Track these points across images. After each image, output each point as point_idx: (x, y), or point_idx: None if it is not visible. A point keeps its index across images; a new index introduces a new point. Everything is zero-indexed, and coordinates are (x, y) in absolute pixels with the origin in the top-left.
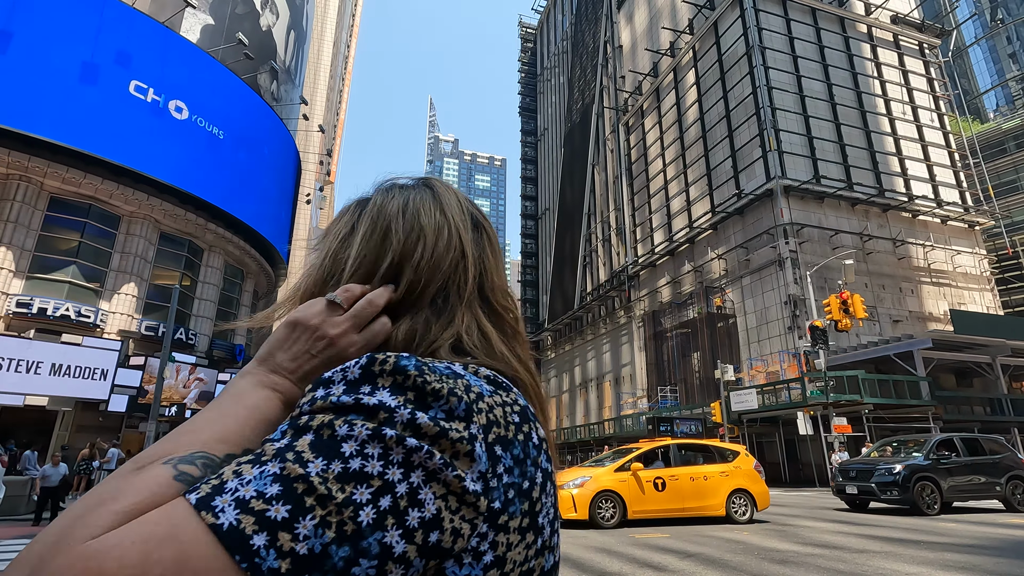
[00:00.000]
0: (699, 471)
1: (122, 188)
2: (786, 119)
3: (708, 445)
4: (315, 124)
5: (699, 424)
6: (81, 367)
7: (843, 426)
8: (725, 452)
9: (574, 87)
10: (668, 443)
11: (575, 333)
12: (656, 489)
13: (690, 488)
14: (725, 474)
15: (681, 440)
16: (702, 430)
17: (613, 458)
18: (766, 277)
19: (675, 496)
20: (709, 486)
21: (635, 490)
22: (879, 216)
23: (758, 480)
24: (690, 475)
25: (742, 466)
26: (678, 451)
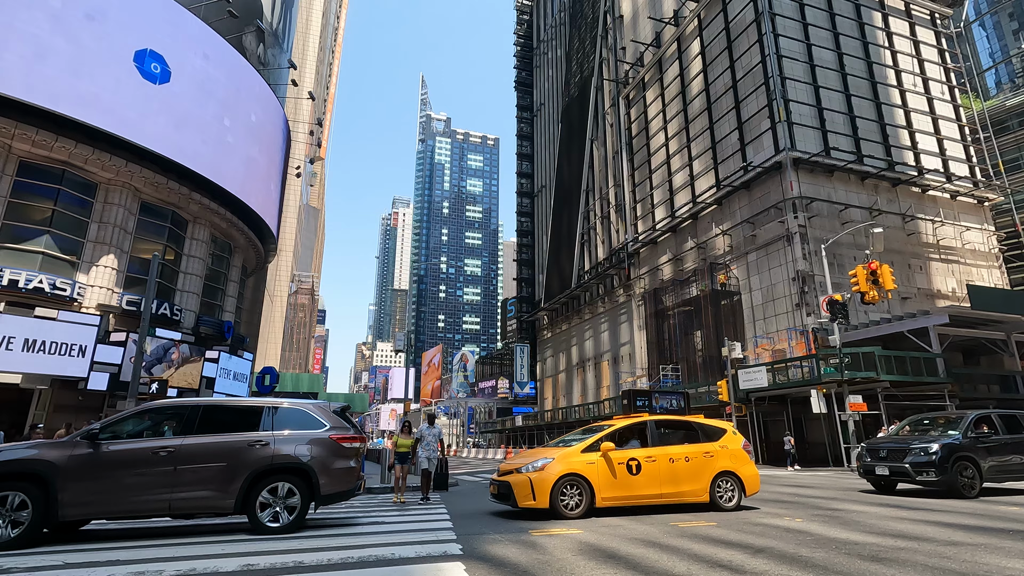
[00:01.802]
0: (680, 451)
1: (98, 153)
2: (795, 89)
3: (691, 422)
4: (304, 91)
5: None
6: (57, 343)
7: (859, 404)
8: (710, 430)
9: (572, 60)
10: (645, 420)
11: (572, 312)
12: (630, 472)
13: (669, 471)
14: (709, 455)
15: (660, 416)
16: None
17: (581, 437)
18: (773, 253)
19: (652, 480)
20: (691, 468)
21: (605, 474)
22: (888, 191)
23: (747, 462)
24: (669, 456)
25: (729, 445)
26: (656, 429)
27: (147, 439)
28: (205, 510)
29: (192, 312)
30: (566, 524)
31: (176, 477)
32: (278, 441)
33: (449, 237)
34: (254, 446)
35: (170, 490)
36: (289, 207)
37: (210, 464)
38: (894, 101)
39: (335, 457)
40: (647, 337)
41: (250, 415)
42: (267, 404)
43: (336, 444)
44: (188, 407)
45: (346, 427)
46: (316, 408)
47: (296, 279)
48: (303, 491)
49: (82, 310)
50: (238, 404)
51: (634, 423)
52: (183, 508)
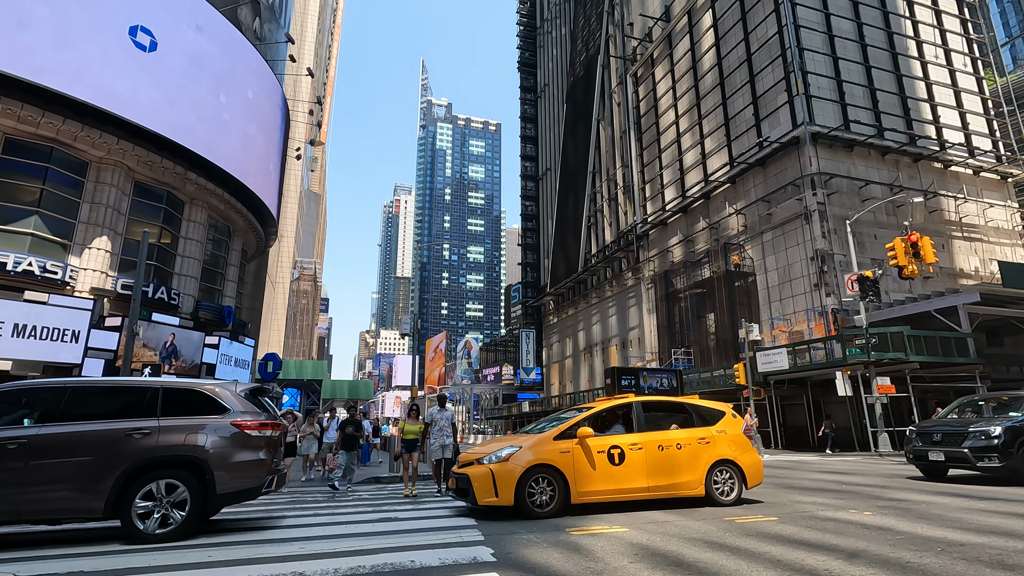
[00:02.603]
0: (670, 437)
1: (87, 130)
2: (814, 61)
3: (683, 404)
4: (303, 67)
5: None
6: (49, 328)
7: (887, 386)
8: (705, 413)
9: (577, 38)
10: (630, 401)
11: (579, 297)
12: (611, 462)
13: (658, 460)
14: (705, 441)
15: (647, 398)
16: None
17: (558, 420)
18: (790, 232)
19: (638, 471)
20: (683, 457)
21: (582, 464)
22: (910, 166)
23: (747, 448)
24: (658, 443)
25: (728, 430)
26: (643, 412)
27: None
28: (67, 514)
29: (191, 297)
30: (606, 521)
31: (27, 475)
32: (165, 429)
33: (451, 224)
34: (132, 436)
35: (18, 490)
36: (290, 191)
37: (72, 458)
38: (915, 73)
39: (237, 448)
40: (657, 321)
41: (131, 398)
42: (153, 384)
43: (240, 432)
44: (50, 389)
45: (257, 412)
46: (219, 388)
47: (298, 265)
48: (194, 489)
49: (75, 294)
50: (116, 385)
51: (616, 405)
52: (37, 512)
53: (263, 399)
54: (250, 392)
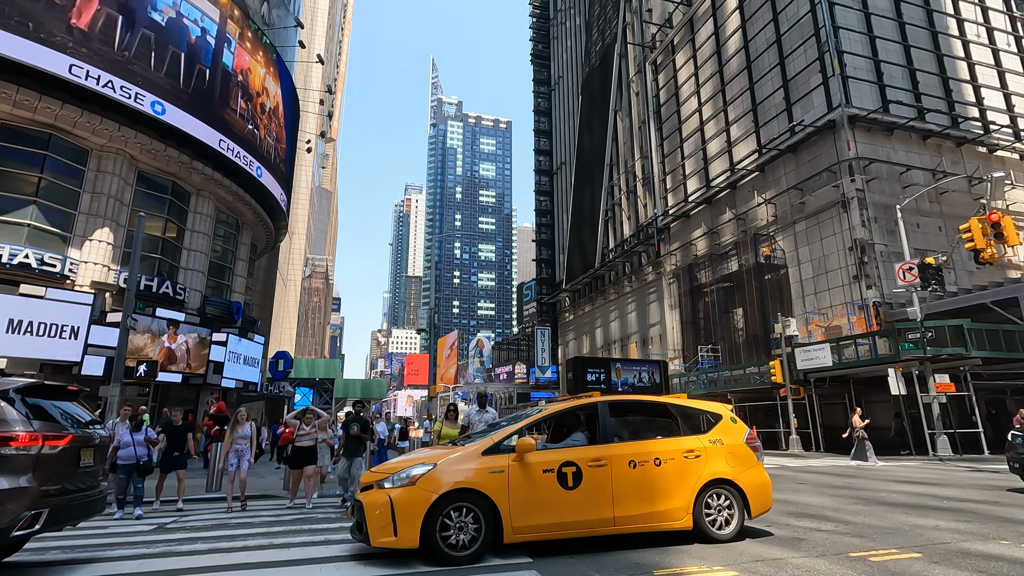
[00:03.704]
0: (647, 450)
1: (87, 116)
2: (849, 40)
3: (666, 405)
4: (314, 54)
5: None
6: (46, 324)
7: (946, 384)
8: (696, 417)
9: (592, 27)
10: (594, 401)
11: (596, 293)
12: (563, 485)
13: (629, 481)
14: (694, 454)
15: (619, 397)
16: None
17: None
18: (825, 221)
19: (599, 496)
20: (664, 476)
21: (521, 488)
22: (952, 151)
23: (752, 463)
24: (629, 457)
25: (725, 439)
26: (611, 415)
27: None
28: None
29: (198, 292)
30: (701, 559)
31: None
32: None
33: (463, 223)
34: None
35: None
36: (300, 186)
37: None
38: (956, 53)
39: None
40: (681, 316)
41: None
42: None
43: None
44: None
45: (22, 420)
46: None
47: (310, 263)
48: None
49: (75, 288)
50: None
51: (572, 407)
52: None
53: (53, 404)
54: (21, 391)
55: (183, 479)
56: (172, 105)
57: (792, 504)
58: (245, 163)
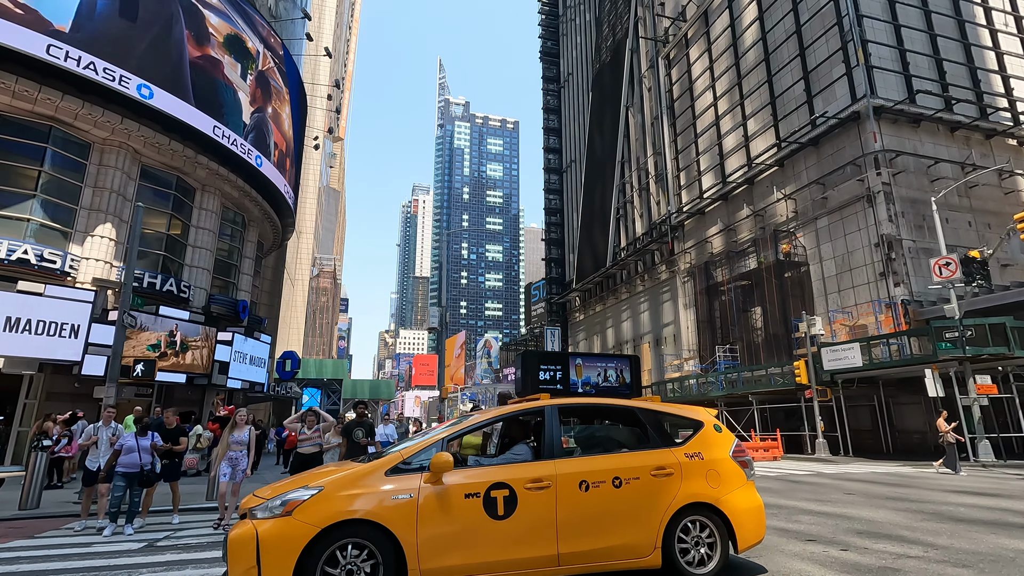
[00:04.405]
0: (603, 467)
1: (89, 108)
2: (873, 29)
3: (633, 409)
4: (322, 46)
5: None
6: (45, 322)
7: (988, 386)
8: (671, 423)
9: (603, 23)
10: (541, 406)
11: (607, 292)
12: (491, 514)
13: (579, 507)
14: (665, 472)
15: (570, 400)
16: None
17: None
18: (849, 217)
19: (539, 528)
20: (625, 501)
21: (435, 519)
22: (981, 144)
23: (739, 482)
24: (580, 477)
25: (706, 452)
26: (560, 422)
27: None
28: None
29: (203, 289)
30: None
31: None
32: None
33: (470, 223)
34: None
35: None
36: (308, 184)
37: None
38: (983, 42)
39: None
40: (696, 316)
41: None
42: None
43: None
44: None
45: None
46: None
47: (318, 262)
48: None
49: (76, 285)
50: None
51: (510, 413)
52: None
53: None
54: None
55: (177, 490)
56: (161, 89)
57: (856, 520)
58: (243, 151)
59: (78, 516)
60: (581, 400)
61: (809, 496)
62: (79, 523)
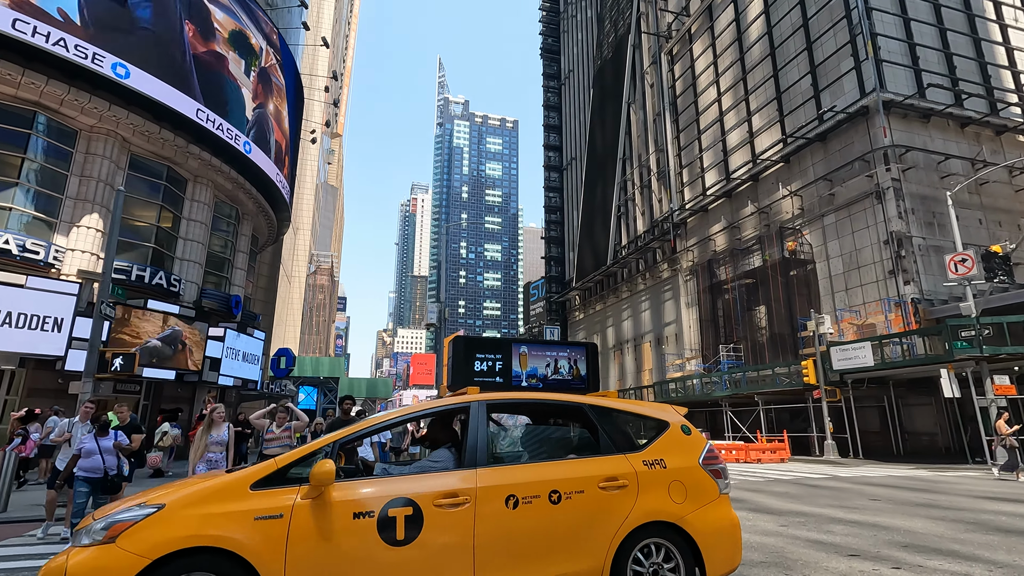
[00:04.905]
0: (538, 478)
1: (75, 93)
2: (882, 22)
3: (582, 407)
4: (320, 36)
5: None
6: (27, 315)
7: (1006, 387)
8: (629, 424)
9: (604, 19)
10: (467, 402)
11: (608, 291)
12: (388, 539)
13: (505, 530)
14: (618, 484)
15: (502, 395)
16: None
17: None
18: (857, 214)
19: (449, 558)
20: (566, 521)
21: (309, 545)
22: (992, 140)
23: (709, 496)
24: (508, 491)
25: (670, 459)
26: (486, 421)
27: None
28: None
29: (194, 284)
30: None
31: None
32: None
33: (468, 222)
34: None
35: None
36: (305, 179)
37: None
38: (993, 37)
39: None
40: (699, 315)
41: None
42: None
43: None
44: None
45: None
46: None
47: (315, 259)
48: None
49: (61, 277)
50: None
51: (436, 411)
52: None
53: None
54: None
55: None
56: (138, 68)
57: (894, 531)
58: (229, 137)
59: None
60: (516, 395)
61: (832, 502)
62: (42, 529)
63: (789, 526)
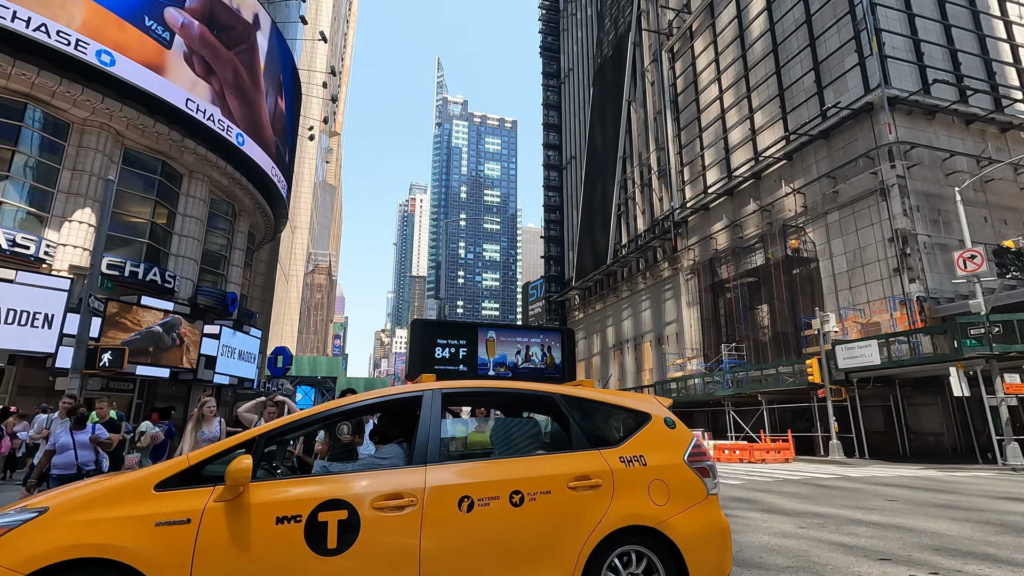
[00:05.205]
0: (497, 477)
1: (68, 85)
2: (886, 18)
3: (552, 396)
4: (318, 31)
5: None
6: (17, 311)
7: (1017, 385)
8: (606, 416)
9: (605, 17)
10: (418, 390)
11: (608, 290)
12: (316, 547)
13: (456, 537)
14: (590, 483)
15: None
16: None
17: None
18: (861, 211)
19: (389, 569)
20: (529, 526)
21: (222, 555)
22: (997, 137)
23: (696, 497)
24: (463, 492)
25: (651, 456)
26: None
27: None
28: None
29: (189, 280)
30: None
31: None
32: None
33: (467, 222)
34: None
35: None
36: (303, 178)
37: None
38: (998, 34)
39: None
40: (700, 314)
41: None
42: None
43: None
44: None
45: None
46: None
47: (313, 258)
48: None
49: (52, 273)
50: None
51: (368, 401)
52: None
53: None
54: None
55: None
56: (124, 57)
57: (920, 533)
58: (221, 128)
59: None
60: (478, 383)
61: (847, 503)
62: None
63: (808, 528)
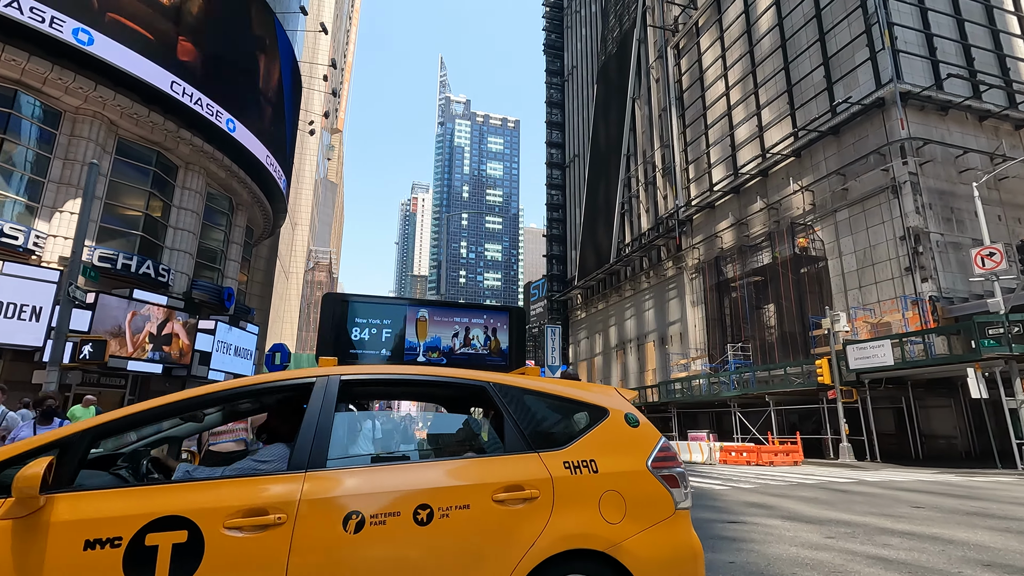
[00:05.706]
0: (403, 487)
1: (59, 71)
2: (899, 12)
3: (484, 386)
4: (319, 22)
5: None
6: (4, 303)
7: None
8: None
9: (609, 14)
10: (312, 376)
11: (611, 289)
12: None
13: (340, 565)
14: (522, 496)
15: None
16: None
17: None
18: (871, 209)
19: None
20: (438, 550)
21: None
22: (1011, 134)
23: (661, 512)
24: (351, 507)
25: (604, 460)
26: (335, 404)
27: None
28: None
29: (184, 275)
30: None
31: None
32: None
33: (469, 222)
34: None
35: None
36: (304, 173)
37: None
38: (1011, 29)
39: None
40: (705, 313)
41: None
42: None
43: None
44: None
45: None
46: None
47: (313, 255)
48: None
49: (42, 264)
50: None
51: (242, 388)
52: None
53: None
54: None
55: None
56: (104, 35)
57: (961, 545)
58: (209, 113)
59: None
60: (387, 369)
61: (871, 509)
62: None
63: (837, 538)
